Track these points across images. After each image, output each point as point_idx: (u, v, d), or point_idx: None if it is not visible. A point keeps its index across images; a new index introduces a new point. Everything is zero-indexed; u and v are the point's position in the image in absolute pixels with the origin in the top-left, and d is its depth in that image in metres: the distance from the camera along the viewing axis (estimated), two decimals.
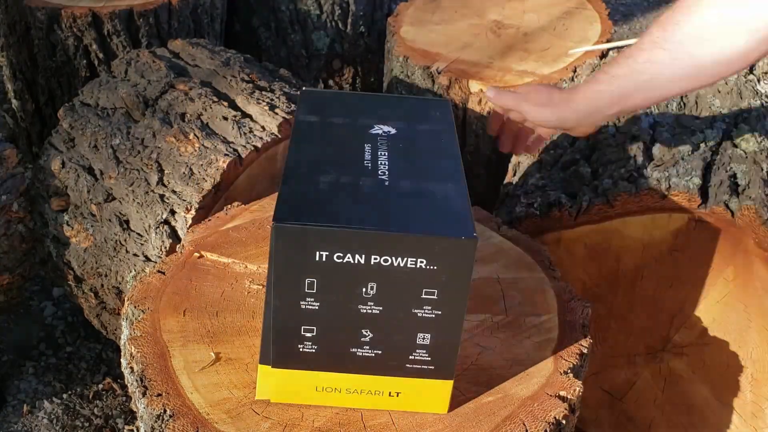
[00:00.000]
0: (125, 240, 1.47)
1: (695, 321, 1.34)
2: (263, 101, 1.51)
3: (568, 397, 0.96)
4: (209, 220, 1.27)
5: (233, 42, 2.46)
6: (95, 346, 1.92)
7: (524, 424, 0.92)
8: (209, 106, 1.51)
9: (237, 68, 1.64)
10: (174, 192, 1.42)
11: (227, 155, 1.41)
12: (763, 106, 1.42)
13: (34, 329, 1.97)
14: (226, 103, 1.51)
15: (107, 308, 1.58)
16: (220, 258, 1.16)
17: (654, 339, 1.38)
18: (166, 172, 1.44)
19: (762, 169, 1.28)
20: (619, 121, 1.45)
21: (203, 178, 1.40)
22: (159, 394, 0.94)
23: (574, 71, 1.74)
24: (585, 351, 1.04)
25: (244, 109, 1.51)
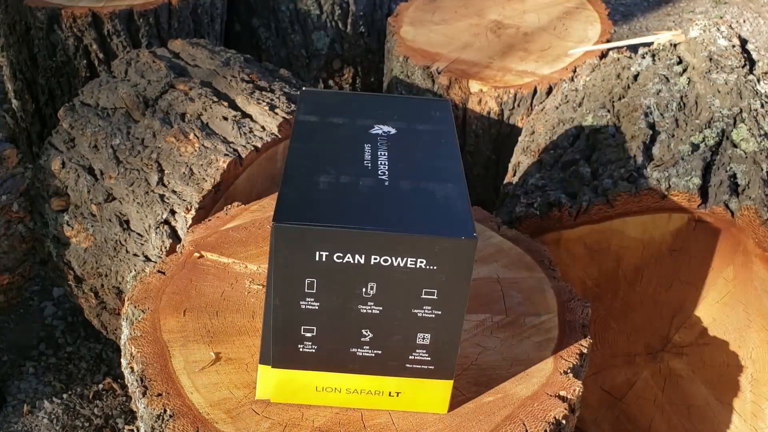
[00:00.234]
0: (125, 240, 1.47)
1: (695, 321, 1.34)
2: (263, 101, 1.51)
3: (568, 397, 0.96)
4: (209, 220, 1.27)
5: (233, 42, 2.46)
6: (95, 346, 1.92)
7: (524, 424, 0.92)
8: (209, 106, 1.51)
9: (237, 68, 1.64)
10: (174, 192, 1.42)
11: (227, 155, 1.41)
12: (763, 106, 1.42)
13: (34, 329, 1.97)
14: (226, 103, 1.51)
15: (107, 308, 1.58)
16: (220, 258, 1.16)
17: (654, 339, 1.38)
18: (166, 172, 1.44)
19: (762, 169, 1.28)
20: (618, 121, 1.45)
21: (203, 178, 1.40)
22: (159, 394, 0.94)
23: (574, 71, 1.74)
24: (585, 351, 1.04)
25: (244, 109, 1.51)
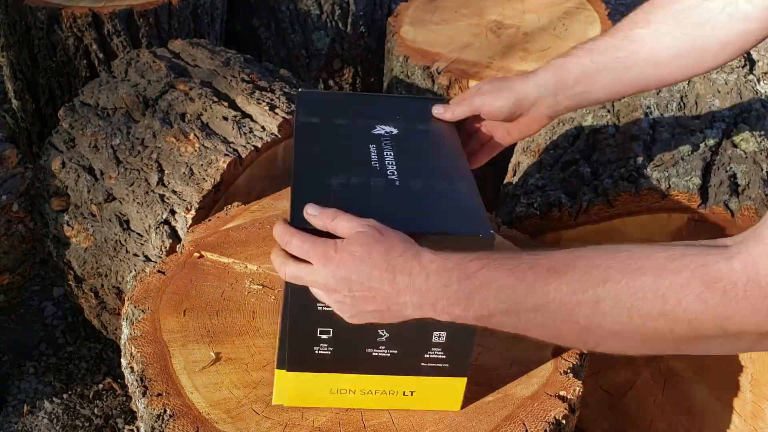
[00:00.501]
0: (125, 240, 1.47)
1: None
2: (263, 101, 1.51)
3: (568, 396, 0.96)
4: (209, 220, 1.27)
5: (233, 42, 2.46)
6: (95, 346, 1.92)
7: (524, 424, 0.92)
8: (209, 106, 1.51)
9: (237, 68, 1.64)
10: (174, 192, 1.42)
11: (227, 155, 1.41)
12: (763, 106, 1.42)
13: (34, 329, 1.97)
14: (226, 103, 1.51)
15: (107, 308, 1.58)
16: (220, 258, 1.16)
17: None
18: (166, 172, 1.44)
19: (762, 169, 1.28)
20: (618, 121, 1.45)
21: (203, 178, 1.40)
22: (159, 394, 0.94)
23: None
24: (585, 351, 1.04)
25: (244, 109, 1.51)
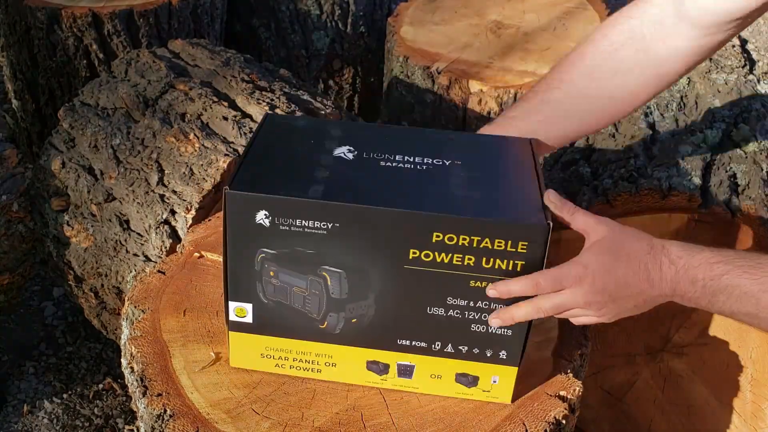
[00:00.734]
0: (125, 240, 1.47)
1: (695, 321, 1.34)
2: (263, 101, 1.51)
3: (568, 396, 0.96)
4: (209, 220, 1.27)
5: (233, 42, 2.46)
6: (95, 346, 1.92)
7: (524, 424, 0.92)
8: (209, 106, 1.51)
9: (237, 68, 1.64)
10: (174, 192, 1.42)
11: (227, 155, 1.41)
12: (763, 106, 1.42)
13: (34, 329, 1.97)
14: (226, 103, 1.51)
15: (107, 308, 1.58)
16: (220, 258, 1.16)
17: (654, 339, 1.38)
18: (166, 172, 1.44)
19: (762, 169, 1.28)
20: (618, 122, 1.45)
21: (203, 178, 1.40)
22: (159, 394, 0.94)
23: None
24: (585, 351, 1.04)
25: (244, 109, 1.51)
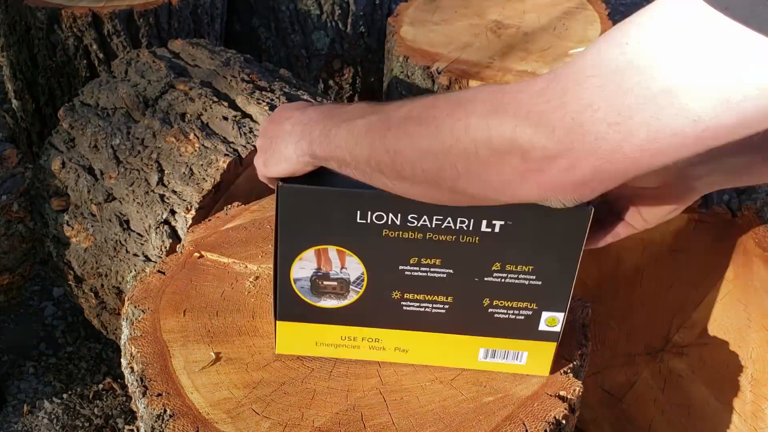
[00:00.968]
0: (125, 240, 1.47)
1: (695, 321, 1.34)
2: (263, 101, 1.51)
3: (568, 396, 0.96)
4: (209, 220, 1.27)
5: (233, 42, 2.46)
6: (95, 346, 1.92)
7: (524, 424, 0.92)
8: (209, 106, 1.51)
9: (237, 68, 1.64)
10: (174, 192, 1.42)
11: (227, 155, 1.41)
12: None
13: (34, 329, 1.97)
14: (226, 103, 1.51)
15: (107, 308, 1.58)
16: (221, 258, 1.16)
17: (654, 339, 1.38)
18: (166, 172, 1.44)
19: None
20: None
21: (203, 178, 1.40)
22: (159, 394, 0.94)
23: None
24: (585, 351, 1.04)
25: (244, 109, 1.51)
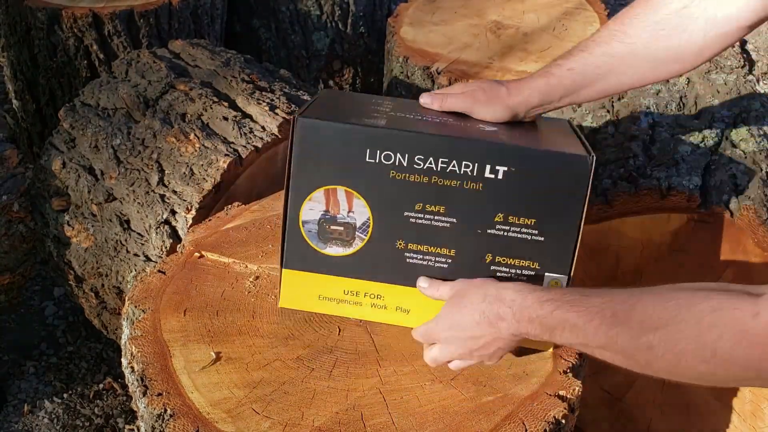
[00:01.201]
0: (126, 240, 1.47)
1: None
2: (263, 101, 1.51)
3: (568, 396, 0.96)
4: (209, 220, 1.27)
5: (233, 43, 2.46)
6: (96, 346, 1.92)
7: (524, 424, 0.92)
8: (210, 107, 1.51)
9: (237, 69, 1.64)
10: (174, 192, 1.42)
11: (228, 155, 1.41)
12: (762, 106, 1.42)
13: (35, 329, 1.97)
14: (226, 104, 1.51)
15: (108, 308, 1.59)
16: (221, 258, 1.16)
17: None
18: (166, 172, 1.44)
19: (761, 169, 1.28)
20: (618, 121, 1.45)
21: (204, 179, 1.40)
22: (159, 394, 0.94)
23: None
24: None
25: (244, 110, 1.51)
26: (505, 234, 0.95)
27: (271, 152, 1.46)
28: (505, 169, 0.92)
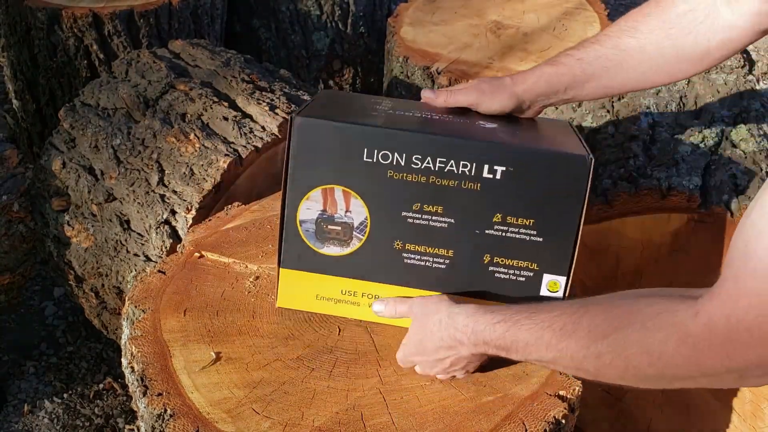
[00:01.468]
0: (126, 240, 1.47)
1: None
2: (263, 101, 1.51)
3: (568, 396, 0.96)
4: (209, 220, 1.27)
5: (233, 43, 2.46)
6: (96, 346, 1.92)
7: (524, 424, 0.92)
8: (210, 107, 1.51)
9: (237, 69, 1.64)
10: (174, 192, 1.42)
11: (228, 155, 1.41)
12: (762, 106, 1.42)
13: (35, 329, 1.97)
14: (226, 104, 1.51)
15: (108, 308, 1.59)
16: (221, 258, 1.16)
17: None
18: (166, 172, 1.44)
19: (761, 169, 1.28)
20: (618, 121, 1.45)
21: (204, 179, 1.40)
22: (159, 394, 0.94)
23: None
24: None
25: (244, 110, 1.51)
26: (504, 234, 0.95)
27: (271, 152, 1.46)
28: (504, 169, 0.91)
